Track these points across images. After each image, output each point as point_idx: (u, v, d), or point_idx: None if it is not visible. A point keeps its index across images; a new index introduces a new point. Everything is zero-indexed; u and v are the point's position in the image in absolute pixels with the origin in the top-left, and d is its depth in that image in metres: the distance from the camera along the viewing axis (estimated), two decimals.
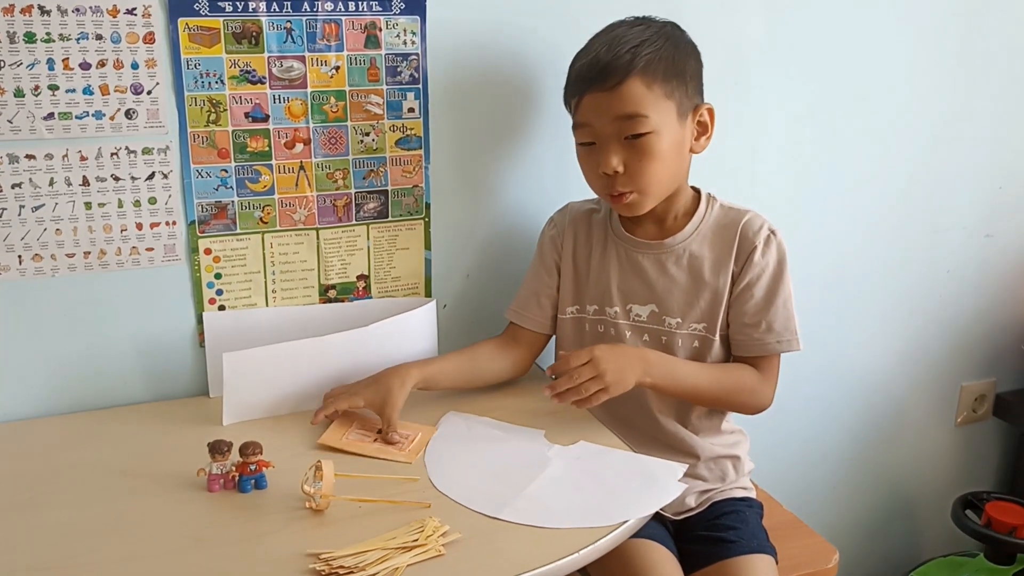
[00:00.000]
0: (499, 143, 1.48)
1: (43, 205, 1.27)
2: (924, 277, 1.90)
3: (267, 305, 1.40)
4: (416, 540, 0.99)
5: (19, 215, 1.26)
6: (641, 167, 1.25)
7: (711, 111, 1.32)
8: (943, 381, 2.01)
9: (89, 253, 1.30)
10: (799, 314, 1.31)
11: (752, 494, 1.41)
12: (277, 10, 1.29)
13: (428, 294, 1.50)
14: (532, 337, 1.43)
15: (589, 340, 1.37)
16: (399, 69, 1.38)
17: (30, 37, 1.20)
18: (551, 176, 1.52)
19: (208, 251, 1.36)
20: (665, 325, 1.34)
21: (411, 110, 1.40)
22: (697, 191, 1.38)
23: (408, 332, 1.39)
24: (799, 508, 1.56)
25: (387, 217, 1.44)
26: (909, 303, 1.91)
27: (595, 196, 1.39)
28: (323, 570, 0.94)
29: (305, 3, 1.30)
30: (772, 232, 1.33)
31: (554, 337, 1.46)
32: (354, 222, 1.42)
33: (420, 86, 1.40)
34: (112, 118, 1.26)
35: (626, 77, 1.22)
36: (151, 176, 1.30)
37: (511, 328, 1.44)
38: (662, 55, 1.25)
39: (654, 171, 1.26)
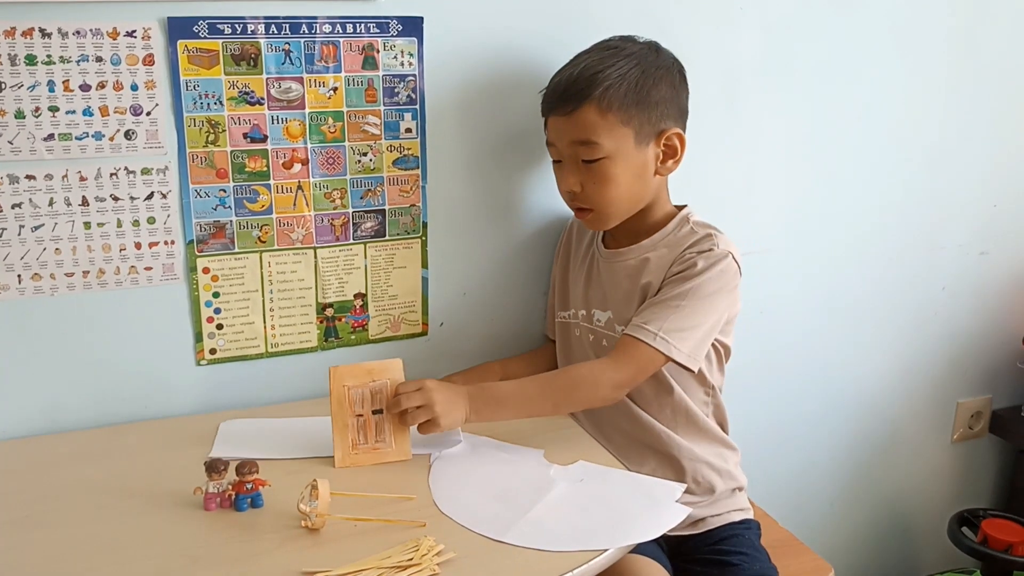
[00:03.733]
0: (496, 163, 1.49)
1: (43, 225, 1.28)
2: (920, 294, 1.91)
3: (264, 323, 1.41)
4: (411, 559, 1.00)
5: (19, 235, 1.27)
6: (596, 189, 1.31)
7: (680, 135, 1.33)
8: (939, 398, 2.02)
9: (88, 272, 1.31)
10: (796, 331, 1.31)
11: (749, 514, 1.41)
12: (276, 32, 1.31)
13: (425, 312, 1.50)
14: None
15: (571, 344, 1.45)
16: (396, 90, 1.39)
17: (31, 59, 1.21)
18: (548, 195, 1.53)
19: (206, 270, 1.37)
20: (616, 332, 1.36)
21: (408, 130, 1.42)
22: (679, 209, 1.39)
23: None
24: (794, 525, 1.56)
25: (384, 236, 1.45)
26: (905, 320, 1.92)
27: None
28: None
29: (303, 25, 1.32)
30: (712, 248, 1.29)
31: None
32: (352, 241, 1.43)
33: (417, 106, 1.41)
34: (112, 139, 1.28)
35: (580, 104, 1.27)
36: (150, 196, 1.32)
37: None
38: (626, 80, 1.27)
39: (608, 193, 1.30)
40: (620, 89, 1.27)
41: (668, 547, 1.35)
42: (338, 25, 1.34)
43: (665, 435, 1.36)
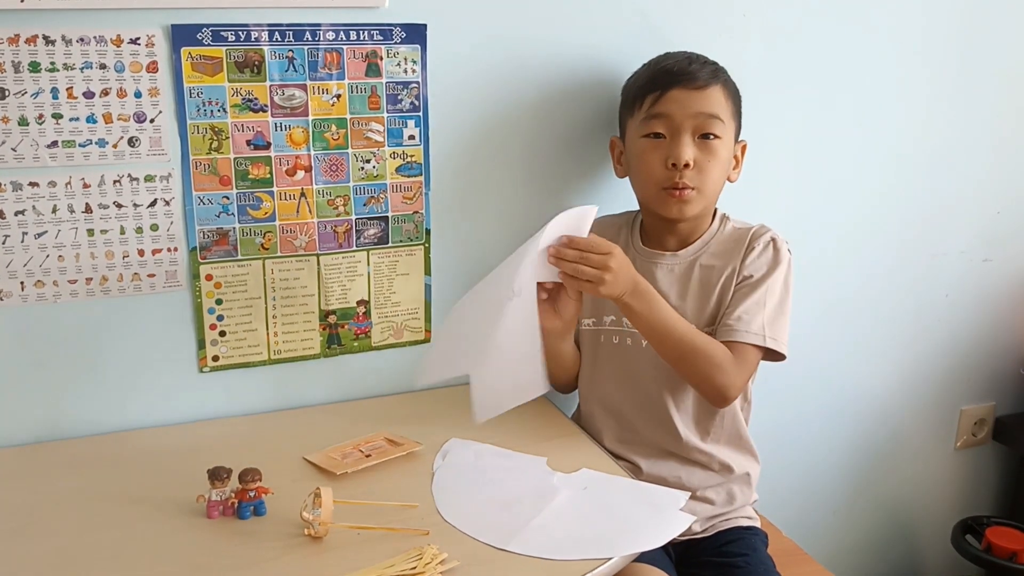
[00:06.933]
0: (499, 169, 1.49)
1: (46, 232, 1.28)
2: (923, 302, 1.91)
3: (267, 330, 1.41)
4: (414, 568, 1.00)
5: (22, 241, 1.27)
6: (708, 166, 1.33)
7: (745, 148, 1.41)
8: (942, 405, 2.01)
9: (91, 279, 1.31)
10: (798, 338, 1.31)
11: (757, 524, 1.41)
12: (279, 39, 1.31)
13: (428, 319, 1.50)
14: None
15: (605, 351, 1.42)
16: (400, 97, 1.39)
17: (35, 66, 1.22)
18: (552, 200, 1.53)
19: (209, 277, 1.37)
20: None
21: (411, 137, 1.42)
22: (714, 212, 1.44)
23: None
24: (798, 534, 1.56)
25: (387, 243, 1.45)
26: (908, 328, 1.91)
27: (616, 213, 1.48)
28: None
29: (307, 32, 1.32)
30: (773, 239, 1.38)
31: None
32: (355, 248, 1.43)
33: (420, 114, 1.41)
34: (115, 146, 1.28)
35: (713, 82, 1.34)
36: (153, 203, 1.32)
37: None
38: (732, 83, 1.38)
39: (716, 173, 1.34)
40: (732, 85, 1.38)
41: (675, 552, 1.35)
42: (341, 32, 1.34)
43: (709, 449, 1.38)
